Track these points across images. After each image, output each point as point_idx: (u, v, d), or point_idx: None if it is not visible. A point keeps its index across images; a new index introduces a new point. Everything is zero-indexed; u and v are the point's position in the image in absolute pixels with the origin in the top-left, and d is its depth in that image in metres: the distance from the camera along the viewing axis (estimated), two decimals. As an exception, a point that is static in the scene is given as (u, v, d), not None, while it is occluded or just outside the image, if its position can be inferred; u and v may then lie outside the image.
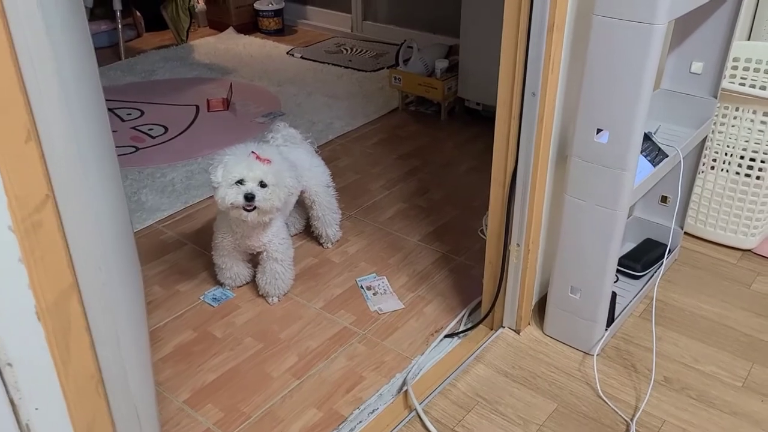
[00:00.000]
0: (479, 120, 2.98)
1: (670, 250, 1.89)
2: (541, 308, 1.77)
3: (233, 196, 1.68)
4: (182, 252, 2.12)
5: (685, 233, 2.09)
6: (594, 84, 1.36)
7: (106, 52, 3.87)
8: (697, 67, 1.74)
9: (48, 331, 0.65)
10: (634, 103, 1.33)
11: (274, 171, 1.71)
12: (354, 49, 3.90)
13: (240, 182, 1.69)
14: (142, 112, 3.09)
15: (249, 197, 1.67)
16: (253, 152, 1.72)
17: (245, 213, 1.70)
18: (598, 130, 1.40)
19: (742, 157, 1.92)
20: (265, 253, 1.85)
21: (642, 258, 1.88)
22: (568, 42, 1.42)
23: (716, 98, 1.74)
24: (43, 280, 0.64)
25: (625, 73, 1.31)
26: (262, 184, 1.69)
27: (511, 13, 1.37)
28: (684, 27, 1.73)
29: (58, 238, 0.65)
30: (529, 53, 1.37)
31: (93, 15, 3.86)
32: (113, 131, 2.89)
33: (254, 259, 1.94)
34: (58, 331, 0.66)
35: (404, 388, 1.58)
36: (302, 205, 2.11)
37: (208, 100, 3.16)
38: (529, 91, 1.41)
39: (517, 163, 1.50)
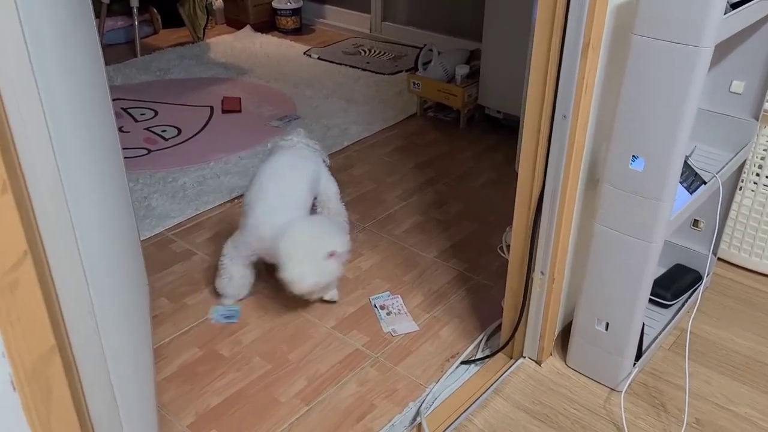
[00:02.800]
0: (499, 128, 2.89)
1: (701, 277, 1.79)
2: (564, 337, 1.68)
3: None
4: (191, 262, 2.06)
5: (718, 258, 1.99)
6: (631, 108, 1.27)
7: (123, 49, 3.81)
8: (737, 86, 1.63)
9: (25, 400, 0.58)
10: (674, 130, 1.23)
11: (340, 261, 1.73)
12: (372, 51, 3.81)
13: None
14: (156, 113, 3.03)
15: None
16: (331, 253, 1.69)
17: None
18: (634, 157, 1.31)
19: (780, 181, 1.82)
20: None
21: (672, 286, 1.78)
22: (604, 62, 1.33)
23: (758, 120, 1.64)
24: (20, 344, 0.57)
25: (666, 98, 1.22)
26: None
27: (542, 29, 1.27)
28: (724, 43, 1.63)
29: (38, 297, 0.58)
30: (561, 73, 1.28)
31: (110, 11, 3.81)
32: (126, 132, 2.83)
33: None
34: (37, 399, 0.59)
35: (418, 420, 1.50)
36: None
37: (223, 99, 3.09)
38: (559, 113, 1.31)
39: (543, 188, 1.41)
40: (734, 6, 1.24)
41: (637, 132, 1.28)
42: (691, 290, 1.79)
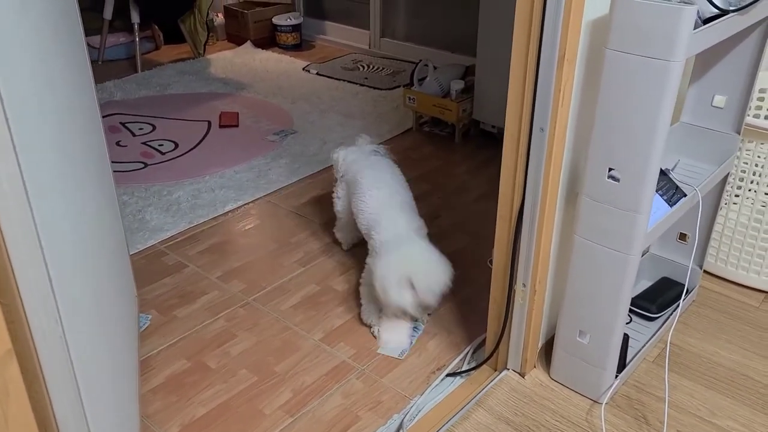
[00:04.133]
0: (494, 143, 2.91)
1: (687, 290, 1.80)
2: (548, 350, 1.69)
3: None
4: (182, 275, 2.08)
5: (705, 272, 1.99)
6: (606, 121, 1.29)
7: (124, 65, 3.87)
8: (719, 100, 1.65)
9: (-19, 401, 0.60)
10: (648, 142, 1.25)
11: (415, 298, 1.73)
12: (371, 66, 3.85)
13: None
14: (154, 127, 3.07)
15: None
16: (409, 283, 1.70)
17: None
18: (610, 170, 1.32)
19: (767, 194, 1.82)
20: None
21: (657, 298, 1.79)
22: (580, 75, 1.34)
23: (739, 134, 1.65)
24: (-24, 346, 0.59)
25: (640, 111, 1.23)
26: None
27: (519, 43, 1.30)
28: (706, 59, 1.65)
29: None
30: (538, 86, 1.30)
31: (112, 27, 3.87)
32: (123, 146, 2.87)
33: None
34: (-6, 401, 0.61)
35: (401, 432, 1.51)
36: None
37: (221, 114, 3.13)
38: (537, 126, 1.33)
39: (523, 200, 1.43)
40: (707, 21, 1.25)
41: (613, 145, 1.29)
42: (677, 303, 1.79)
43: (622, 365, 1.57)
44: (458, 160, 2.81)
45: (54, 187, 0.85)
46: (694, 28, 1.18)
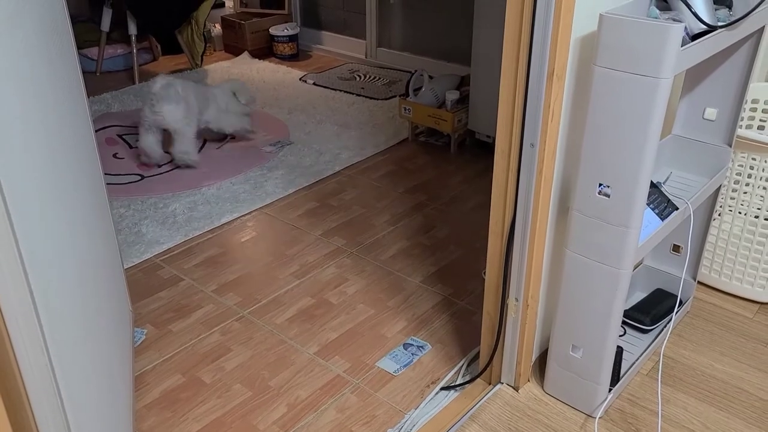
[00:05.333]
0: (489, 153, 2.91)
1: (681, 302, 1.80)
2: (542, 364, 1.69)
3: None
4: (178, 288, 2.08)
5: (699, 283, 1.99)
6: (596, 137, 1.29)
7: (121, 76, 3.88)
8: (710, 113, 1.65)
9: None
10: (638, 158, 1.25)
11: None
12: (367, 76, 3.86)
13: None
14: (151, 139, 3.07)
15: None
16: None
17: None
18: (601, 185, 1.33)
19: (759, 208, 1.82)
20: None
21: (651, 310, 1.79)
22: (570, 91, 1.35)
23: (731, 147, 1.65)
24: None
25: (629, 127, 1.24)
26: None
27: (509, 60, 1.30)
28: (697, 72, 1.65)
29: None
30: (528, 103, 1.30)
31: (109, 39, 3.88)
32: (120, 158, 2.87)
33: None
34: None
35: (394, 447, 1.51)
36: None
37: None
38: (527, 141, 1.34)
39: (515, 215, 1.43)
40: (695, 37, 1.26)
41: (603, 160, 1.30)
42: (671, 315, 1.79)
43: (615, 379, 1.57)
44: (454, 171, 2.81)
45: (38, 204, 0.85)
46: (682, 45, 1.18)
